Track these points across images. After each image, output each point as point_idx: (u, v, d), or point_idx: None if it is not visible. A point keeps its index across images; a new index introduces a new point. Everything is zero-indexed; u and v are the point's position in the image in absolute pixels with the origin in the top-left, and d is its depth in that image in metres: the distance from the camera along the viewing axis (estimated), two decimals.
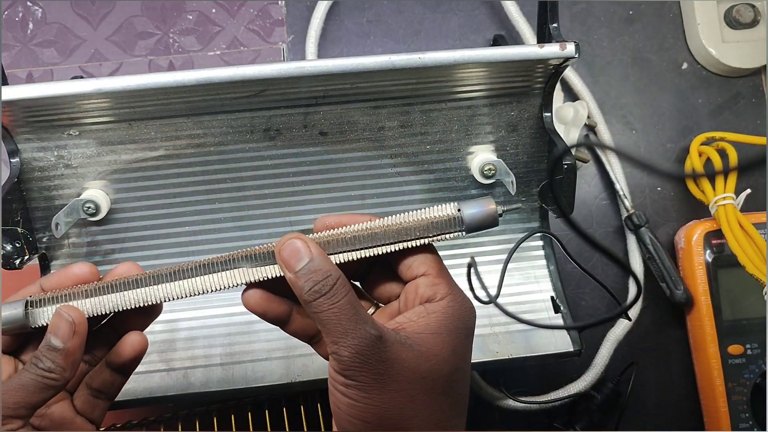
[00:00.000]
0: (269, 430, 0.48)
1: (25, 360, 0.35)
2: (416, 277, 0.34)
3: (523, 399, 0.53)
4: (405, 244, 0.33)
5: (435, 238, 0.33)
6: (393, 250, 0.33)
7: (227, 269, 0.33)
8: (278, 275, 0.33)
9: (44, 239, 0.45)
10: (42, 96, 0.39)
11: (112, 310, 0.34)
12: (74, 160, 0.44)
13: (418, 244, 0.33)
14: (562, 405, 0.54)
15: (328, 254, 0.33)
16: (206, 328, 0.47)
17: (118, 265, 0.35)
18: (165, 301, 0.34)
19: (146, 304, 0.34)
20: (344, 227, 0.34)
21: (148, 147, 0.44)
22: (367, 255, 0.33)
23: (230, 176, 0.45)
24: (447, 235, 0.33)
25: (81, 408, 0.36)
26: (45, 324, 0.33)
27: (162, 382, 0.44)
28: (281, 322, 0.35)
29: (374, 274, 0.37)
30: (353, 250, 0.33)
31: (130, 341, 0.35)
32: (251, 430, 0.48)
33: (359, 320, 0.31)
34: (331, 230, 0.34)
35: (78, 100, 0.40)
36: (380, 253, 0.33)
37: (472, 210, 0.33)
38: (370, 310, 0.37)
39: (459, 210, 0.33)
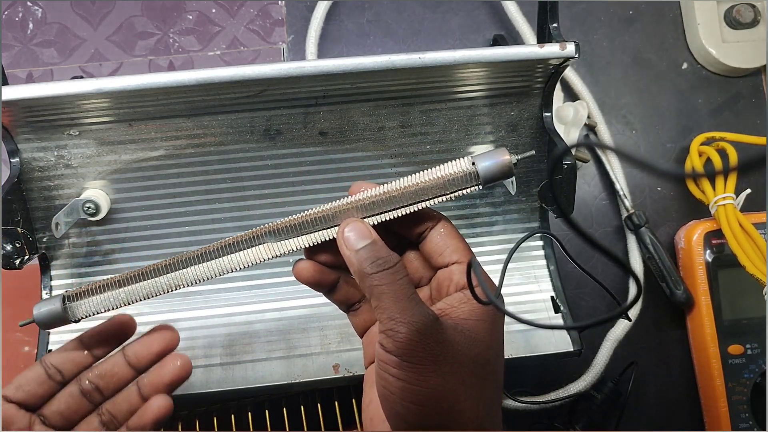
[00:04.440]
0: (269, 430, 0.48)
1: (46, 414, 0.36)
2: (449, 265, 0.34)
3: (523, 399, 0.53)
4: (423, 204, 0.34)
5: (452, 194, 0.34)
6: (413, 210, 0.34)
7: (253, 246, 0.34)
8: (301, 247, 0.34)
9: (44, 239, 0.45)
10: (42, 96, 0.39)
11: (147, 296, 0.35)
12: (74, 160, 0.44)
13: (437, 202, 0.34)
14: (562, 405, 0.54)
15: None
16: (206, 328, 0.47)
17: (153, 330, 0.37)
18: (197, 283, 0.35)
19: (179, 287, 0.35)
20: (360, 194, 0.34)
21: (148, 147, 0.44)
22: (389, 218, 0.34)
23: (230, 176, 0.45)
24: (464, 191, 0.34)
25: None
26: (83, 316, 0.34)
27: None
28: (330, 290, 0.37)
29: (404, 257, 0.37)
30: (374, 215, 0.34)
31: (155, 404, 0.36)
32: (251, 430, 0.48)
33: (418, 300, 0.31)
34: (349, 198, 0.34)
35: (78, 100, 0.40)
36: (401, 215, 0.34)
37: (487, 162, 0.33)
38: None
39: (474, 164, 0.33)
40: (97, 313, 0.34)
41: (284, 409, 0.49)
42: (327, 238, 0.34)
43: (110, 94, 0.39)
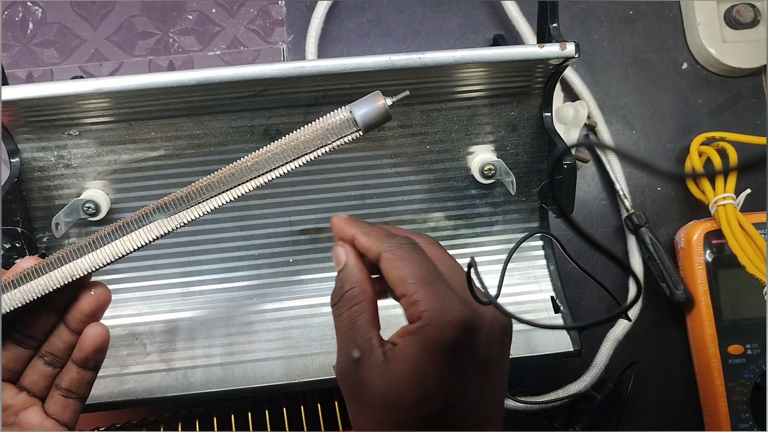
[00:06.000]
0: (269, 430, 0.48)
1: (25, 384, 0.35)
2: (401, 297, 0.33)
3: (523, 399, 0.53)
4: (307, 157, 0.35)
5: (334, 143, 0.35)
6: (297, 166, 0.34)
7: (143, 225, 0.34)
8: (192, 219, 0.34)
9: (44, 239, 0.45)
10: (42, 96, 0.39)
11: (42, 293, 0.33)
12: (74, 160, 0.44)
13: (321, 153, 0.35)
14: (562, 405, 0.54)
15: (237, 184, 0.34)
16: (207, 328, 0.47)
17: (20, 261, 0.35)
18: (93, 271, 0.34)
19: (74, 278, 0.34)
20: (244, 158, 0.34)
21: (148, 147, 0.44)
22: (274, 177, 0.34)
23: None
24: (345, 138, 0.35)
25: (53, 411, 0.36)
26: None
27: (162, 382, 0.44)
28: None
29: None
30: (261, 174, 0.34)
31: (90, 333, 0.35)
32: (251, 430, 0.48)
33: (350, 338, 0.32)
34: (235, 162, 0.34)
35: (78, 100, 0.40)
36: (286, 171, 0.34)
37: (363, 109, 0.35)
38: None
39: (351, 111, 0.35)
40: None
41: (284, 409, 0.49)
42: (217, 206, 0.34)
43: (110, 94, 0.39)
